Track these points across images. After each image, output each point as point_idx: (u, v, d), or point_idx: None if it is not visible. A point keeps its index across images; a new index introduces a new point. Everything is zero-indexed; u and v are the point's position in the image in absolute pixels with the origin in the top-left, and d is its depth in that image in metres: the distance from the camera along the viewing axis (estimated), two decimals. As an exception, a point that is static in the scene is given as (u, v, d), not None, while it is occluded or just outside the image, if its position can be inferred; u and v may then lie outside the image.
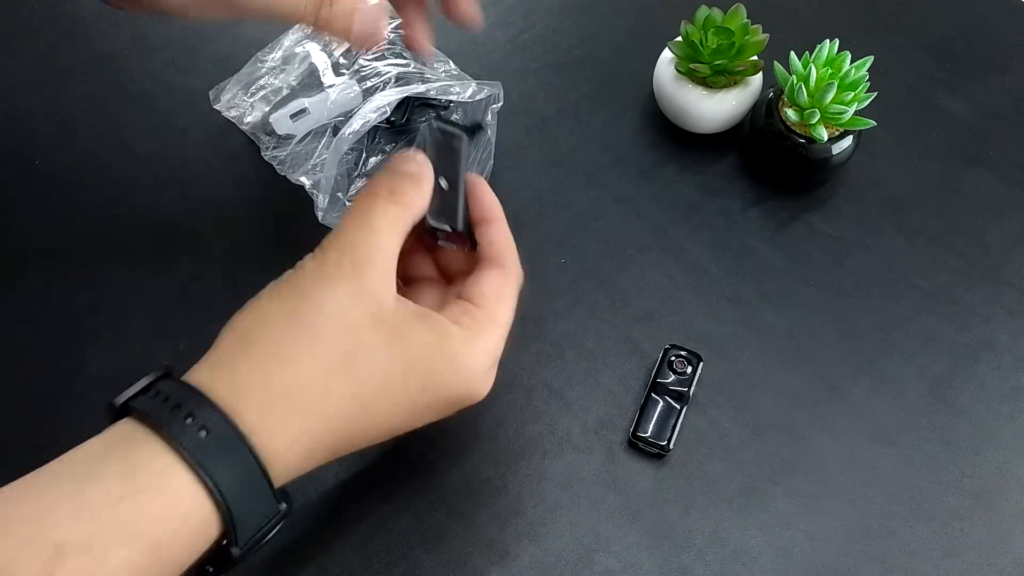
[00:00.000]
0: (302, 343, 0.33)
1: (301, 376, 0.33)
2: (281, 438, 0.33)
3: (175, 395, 0.32)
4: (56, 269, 0.53)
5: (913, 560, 0.45)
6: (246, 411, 0.32)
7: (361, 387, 0.34)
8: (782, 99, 0.54)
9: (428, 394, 0.36)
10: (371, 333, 0.34)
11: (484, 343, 0.37)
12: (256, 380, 0.33)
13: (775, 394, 0.50)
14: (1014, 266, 0.54)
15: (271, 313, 0.35)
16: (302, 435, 0.33)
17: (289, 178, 0.55)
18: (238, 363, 0.33)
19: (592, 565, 0.45)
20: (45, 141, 0.58)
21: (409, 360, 0.35)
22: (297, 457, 0.33)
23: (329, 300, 0.34)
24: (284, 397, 0.33)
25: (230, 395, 0.32)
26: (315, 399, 0.33)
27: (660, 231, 0.55)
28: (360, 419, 0.34)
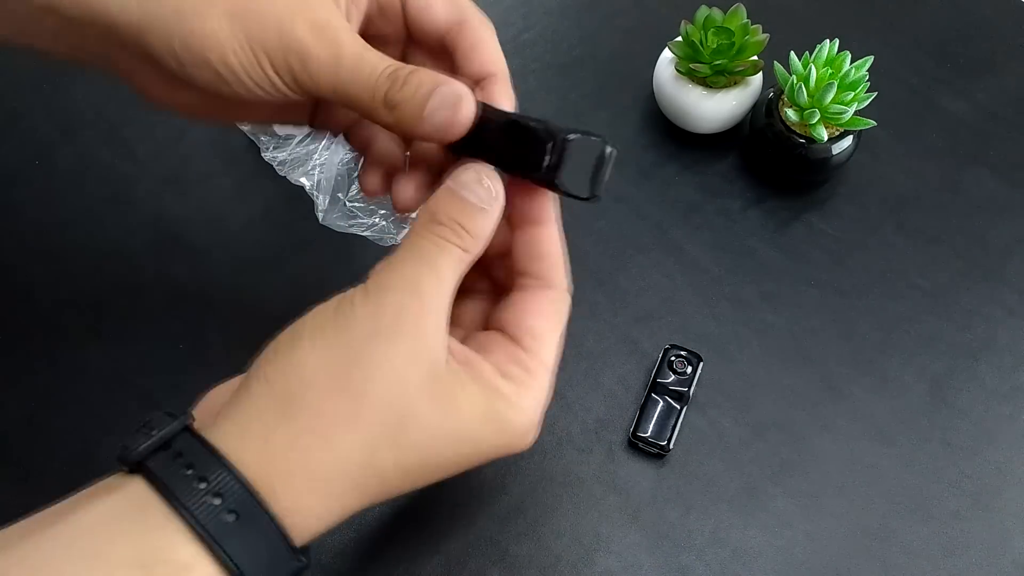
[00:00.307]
0: (350, 415, 0.30)
1: (343, 454, 0.30)
2: (316, 518, 0.30)
3: (200, 464, 0.28)
4: (56, 269, 0.53)
5: (913, 560, 0.45)
6: (282, 493, 0.29)
7: (406, 456, 0.31)
8: (782, 99, 0.54)
9: (479, 457, 0.33)
10: (423, 398, 0.30)
11: (534, 397, 0.33)
12: (295, 458, 0.29)
13: (775, 394, 0.50)
14: (1014, 266, 0.54)
15: (317, 373, 0.30)
16: (337, 507, 0.30)
17: (289, 179, 0.55)
18: (274, 433, 0.29)
19: (592, 565, 0.45)
20: (45, 141, 0.58)
21: (461, 427, 0.31)
22: (320, 530, 0.31)
23: (384, 362, 0.30)
24: (322, 479, 0.29)
25: (263, 472, 0.29)
26: (354, 477, 0.30)
27: (660, 231, 0.55)
28: (399, 485, 0.31)
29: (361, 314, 0.31)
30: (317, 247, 0.54)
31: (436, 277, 0.31)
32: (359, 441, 0.30)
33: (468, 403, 0.31)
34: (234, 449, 0.29)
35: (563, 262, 0.35)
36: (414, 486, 0.32)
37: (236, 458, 0.29)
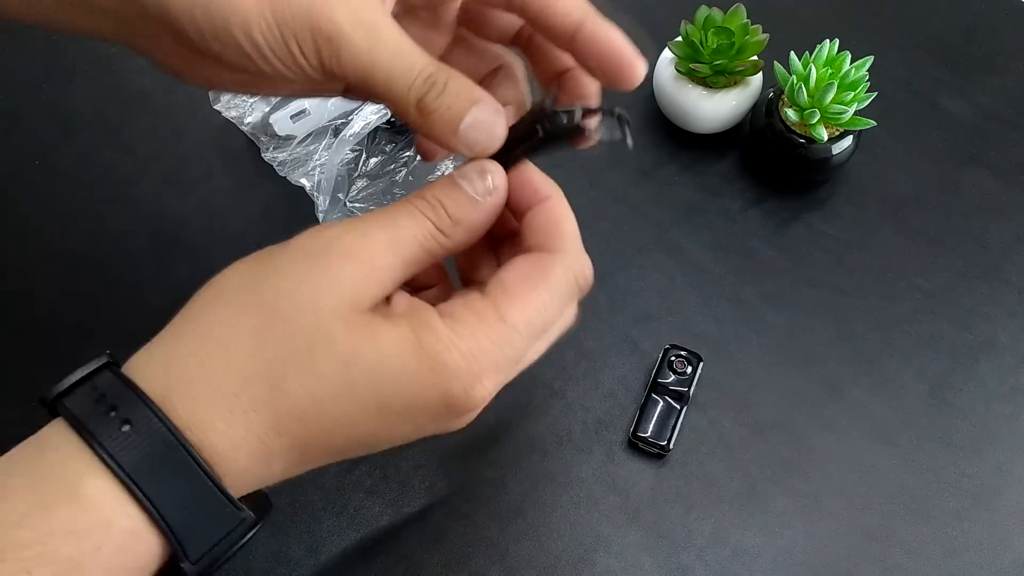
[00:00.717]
0: (255, 327, 0.28)
1: (247, 367, 0.28)
2: (223, 437, 0.27)
3: (103, 387, 0.27)
4: (56, 269, 0.53)
5: (913, 560, 0.45)
6: (180, 401, 0.27)
7: (319, 386, 0.28)
8: (782, 99, 0.54)
9: (404, 398, 0.29)
10: (339, 324, 0.28)
11: (476, 341, 0.29)
12: (194, 368, 0.28)
13: (775, 394, 0.50)
14: (1014, 266, 0.54)
15: (230, 287, 0.29)
16: (250, 435, 0.28)
17: (289, 179, 0.55)
18: (178, 346, 0.28)
19: (592, 565, 0.45)
20: (45, 141, 0.58)
21: (380, 358, 0.28)
22: (250, 459, 0.28)
23: (301, 282, 0.28)
24: (223, 390, 0.27)
25: (163, 385, 0.27)
26: (261, 395, 0.28)
27: (660, 231, 0.55)
28: (319, 423, 0.28)
29: (295, 243, 0.30)
30: (317, 247, 0.54)
31: (389, 227, 0.30)
32: (263, 356, 0.28)
33: (392, 334, 0.29)
34: (139, 369, 0.28)
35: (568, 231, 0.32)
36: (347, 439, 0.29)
37: (140, 375, 0.28)
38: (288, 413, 0.28)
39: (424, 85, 0.30)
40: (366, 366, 0.28)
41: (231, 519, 0.28)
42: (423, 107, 0.30)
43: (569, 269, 0.31)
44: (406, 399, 0.29)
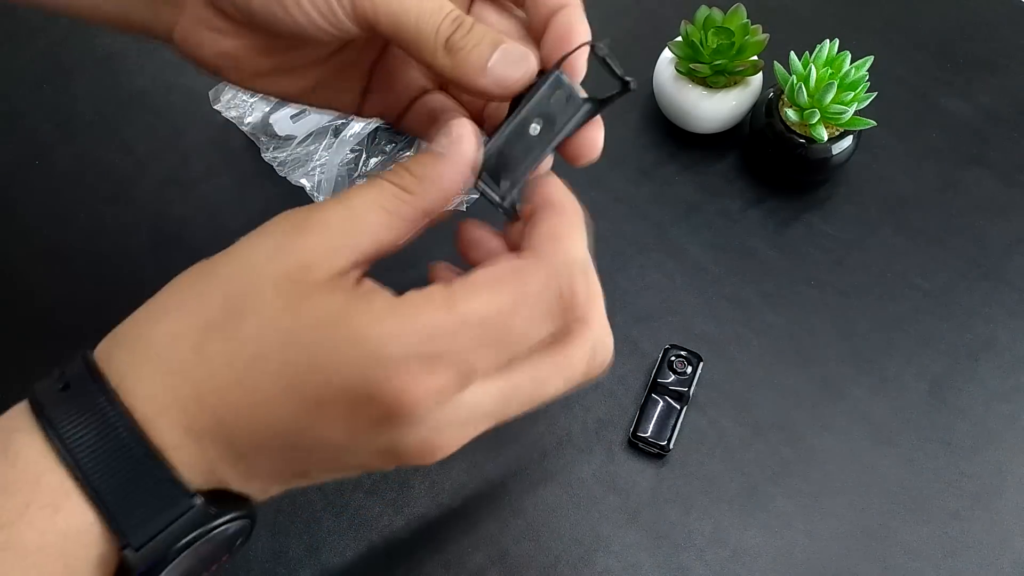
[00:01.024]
0: (195, 292, 0.27)
1: (176, 328, 0.27)
2: (149, 402, 0.26)
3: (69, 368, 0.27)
4: (56, 269, 0.53)
5: (913, 560, 0.45)
6: (112, 364, 0.27)
7: (236, 353, 0.26)
8: (782, 99, 0.54)
9: (317, 377, 0.25)
10: (271, 290, 0.26)
11: (410, 321, 0.25)
12: (132, 332, 0.28)
13: (775, 394, 0.50)
14: (1014, 266, 0.54)
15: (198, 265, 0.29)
16: (174, 404, 0.26)
17: (289, 179, 0.55)
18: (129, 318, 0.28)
19: (592, 565, 0.45)
20: (45, 141, 0.58)
21: (299, 326, 0.26)
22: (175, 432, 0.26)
23: (244, 249, 0.28)
24: (152, 352, 0.26)
25: (105, 351, 0.27)
26: (183, 359, 0.26)
27: (660, 231, 0.55)
28: (237, 396, 0.26)
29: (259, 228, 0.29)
30: (317, 247, 0.54)
31: (343, 200, 0.28)
32: (193, 318, 0.27)
33: (320, 303, 0.26)
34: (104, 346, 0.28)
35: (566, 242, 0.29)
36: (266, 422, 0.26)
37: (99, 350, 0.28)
38: (206, 381, 0.26)
39: (452, 24, 0.29)
40: (283, 334, 0.26)
41: (175, 499, 0.26)
42: (451, 45, 0.29)
43: (551, 278, 0.27)
44: (320, 379, 0.25)
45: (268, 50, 0.34)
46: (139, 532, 0.25)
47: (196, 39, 0.34)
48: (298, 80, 0.36)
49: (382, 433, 0.26)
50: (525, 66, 0.30)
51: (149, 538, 0.25)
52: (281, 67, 0.35)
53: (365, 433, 0.26)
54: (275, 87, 0.36)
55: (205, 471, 0.27)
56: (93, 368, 0.26)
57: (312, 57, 0.36)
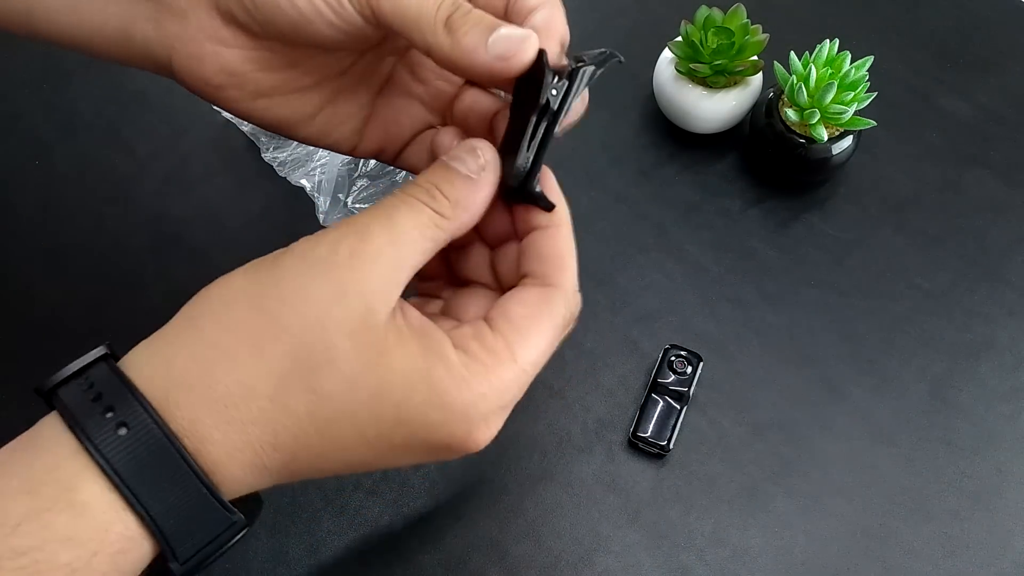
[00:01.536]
0: (258, 338, 0.27)
1: (249, 378, 0.27)
2: (219, 447, 0.27)
3: (100, 383, 0.27)
4: (56, 269, 0.53)
5: (913, 560, 0.45)
6: (178, 409, 0.27)
7: (320, 406, 0.28)
8: (782, 99, 0.54)
9: (404, 431, 0.28)
10: (346, 343, 0.27)
11: (488, 382, 0.29)
12: (194, 374, 0.27)
13: (775, 394, 0.50)
14: (1014, 266, 0.54)
15: (234, 293, 0.29)
16: (247, 448, 0.28)
17: (290, 179, 0.55)
18: (179, 349, 0.28)
19: (592, 565, 0.45)
20: (45, 141, 0.58)
21: (385, 384, 0.28)
22: (244, 470, 0.28)
23: (304, 292, 0.28)
24: (224, 400, 0.27)
25: (162, 388, 0.27)
26: (262, 409, 0.27)
27: (660, 231, 0.55)
28: (317, 443, 0.28)
29: (299, 248, 0.29)
30: (317, 247, 0.54)
31: (388, 224, 0.29)
32: (267, 369, 0.27)
33: (401, 359, 0.28)
34: (138, 368, 0.28)
35: (570, 265, 0.32)
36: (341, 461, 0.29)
37: (139, 375, 0.27)
38: (286, 430, 0.28)
39: (452, 6, 0.30)
40: (370, 392, 0.28)
41: (222, 522, 0.28)
42: (452, 24, 0.29)
43: (568, 307, 0.32)
44: (407, 432, 0.28)
45: (271, 65, 0.34)
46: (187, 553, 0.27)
47: (198, 53, 0.33)
48: (299, 103, 0.36)
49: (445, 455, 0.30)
50: (528, 43, 0.30)
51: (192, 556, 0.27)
52: (283, 86, 0.35)
53: (429, 458, 0.30)
54: (275, 111, 0.36)
55: (251, 487, 0.29)
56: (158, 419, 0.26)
57: (315, 76, 0.36)
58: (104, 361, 0.28)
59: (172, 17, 0.33)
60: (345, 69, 0.37)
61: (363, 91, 0.37)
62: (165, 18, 0.34)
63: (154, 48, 0.34)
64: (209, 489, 0.27)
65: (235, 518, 0.28)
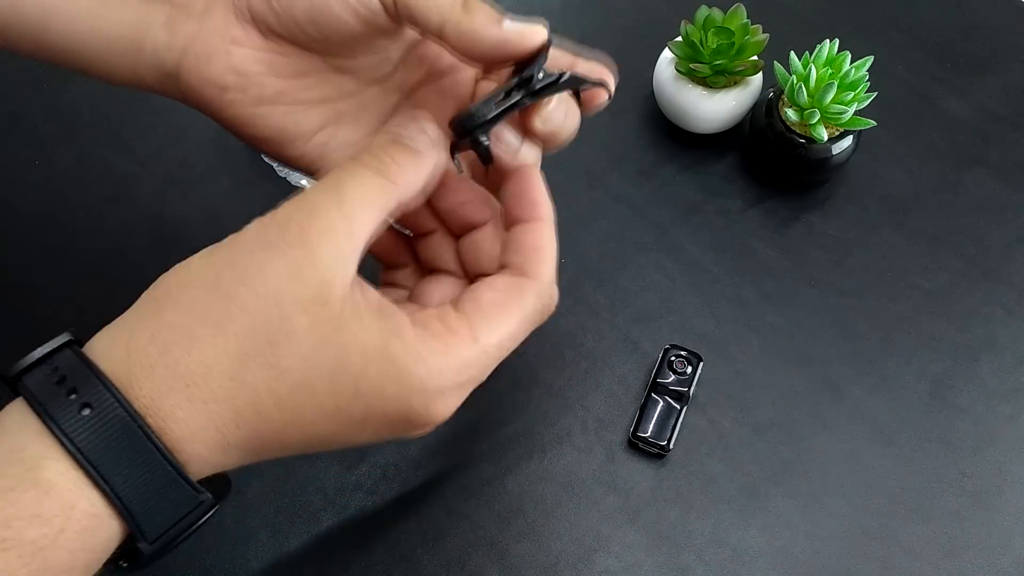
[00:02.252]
0: (216, 318, 0.28)
1: (208, 357, 0.28)
2: (182, 425, 0.28)
3: (64, 367, 0.27)
4: (56, 269, 0.53)
5: (913, 560, 0.45)
6: (140, 389, 0.27)
7: (279, 380, 0.28)
8: (782, 99, 0.54)
9: (361, 403, 0.29)
10: (303, 318, 0.28)
11: (446, 358, 0.29)
12: (154, 354, 0.28)
13: (775, 394, 0.50)
14: (1014, 266, 0.54)
15: (192, 277, 0.30)
16: (209, 424, 0.28)
17: (289, 180, 0.55)
18: (139, 331, 0.29)
19: (592, 565, 0.45)
20: (45, 141, 0.58)
21: (342, 358, 0.28)
22: (208, 448, 0.28)
23: (260, 271, 0.28)
24: (185, 379, 0.28)
25: (124, 369, 0.28)
26: (223, 387, 0.28)
27: (660, 231, 0.55)
28: (277, 418, 0.29)
29: (251, 230, 0.30)
30: (317, 247, 0.54)
31: (336, 197, 0.29)
32: (225, 347, 0.28)
33: (357, 333, 0.28)
34: (101, 351, 0.28)
35: (549, 258, 0.33)
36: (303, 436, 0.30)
37: (102, 357, 0.28)
38: (247, 406, 0.28)
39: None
40: (328, 366, 0.28)
41: (190, 501, 0.28)
42: (468, 5, 0.31)
43: (541, 298, 0.32)
44: (364, 405, 0.29)
45: (280, 70, 0.35)
46: (155, 532, 0.28)
47: (208, 53, 0.34)
48: (300, 117, 0.36)
49: (405, 431, 0.30)
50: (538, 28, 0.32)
51: (160, 535, 0.28)
52: (288, 95, 0.35)
53: (390, 433, 0.30)
54: (275, 120, 0.36)
55: (217, 466, 0.29)
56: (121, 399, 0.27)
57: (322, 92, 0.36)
58: (68, 347, 0.28)
59: (188, 18, 0.34)
60: (352, 93, 0.37)
61: (365, 121, 0.38)
62: (180, 19, 0.34)
63: (163, 56, 0.35)
64: (174, 467, 0.27)
65: (202, 497, 0.28)
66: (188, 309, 0.29)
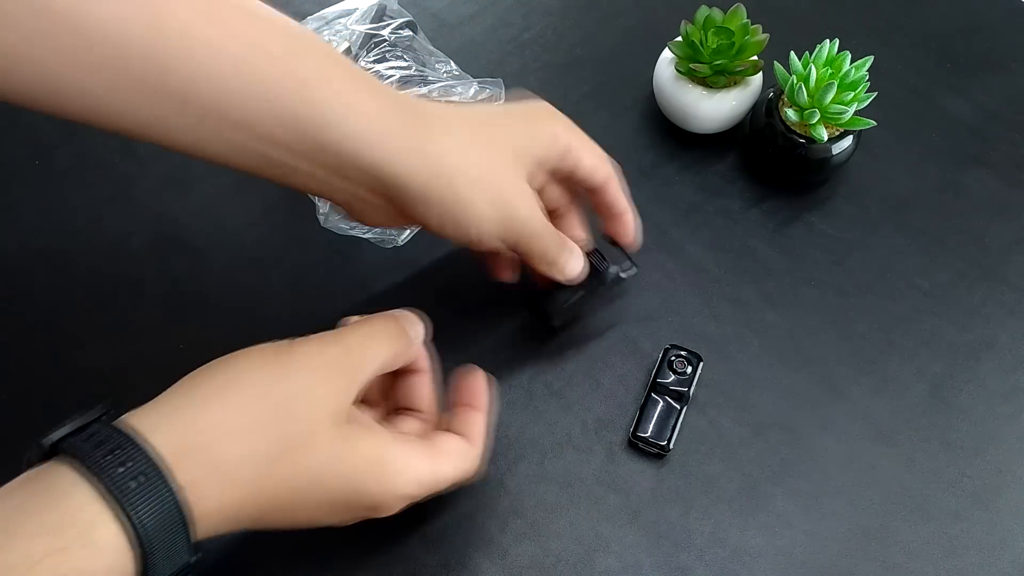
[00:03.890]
0: (261, 423, 0.33)
1: (246, 454, 0.33)
2: (211, 503, 0.32)
3: (110, 440, 0.31)
4: (56, 269, 0.53)
5: (913, 560, 0.45)
6: (183, 472, 0.31)
7: (297, 479, 0.34)
8: (782, 99, 0.54)
9: (352, 498, 0.36)
10: (328, 431, 0.35)
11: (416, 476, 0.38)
12: (201, 443, 0.32)
13: (775, 394, 0.50)
14: (1014, 266, 0.54)
15: (243, 378, 0.34)
16: (231, 506, 0.33)
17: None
18: (193, 419, 0.33)
19: (592, 565, 0.45)
20: (45, 141, 0.58)
21: (350, 467, 0.36)
22: (218, 521, 0.33)
23: (310, 392, 0.35)
24: (222, 469, 0.32)
25: (171, 449, 0.31)
26: (252, 479, 0.33)
27: (660, 231, 0.55)
28: (287, 506, 0.35)
29: (299, 349, 0.36)
30: (317, 247, 0.54)
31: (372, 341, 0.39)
32: (265, 447, 0.33)
33: (365, 447, 0.36)
34: (149, 428, 0.32)
35: (483, 437, 0.42)
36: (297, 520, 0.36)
37: (150, 433, 0.31)
38: (266, 497, 0.34)
39: (557, 249, 0.44)
40: (337, 473, 0.35)
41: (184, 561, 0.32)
42: (552, 262, 0.45)
43: (476, 461, 0.41)
44: (353, 499, 0.36)
45: (393, 220, 0.42)
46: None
47: (364, 218, 0.42)
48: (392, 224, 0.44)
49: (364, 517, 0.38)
50: (580, 269, 0.46)
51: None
52: (390, 224, 0.43)
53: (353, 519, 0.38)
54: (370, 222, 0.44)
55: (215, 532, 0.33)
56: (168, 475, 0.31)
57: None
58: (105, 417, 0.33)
59: (344, 183, 0.39)
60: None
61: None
62: (335, 183, 0.39)
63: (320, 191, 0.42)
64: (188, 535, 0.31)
65: (193, 559, 0.32)
66: (236, 411, 0.33)
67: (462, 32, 0.64)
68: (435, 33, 0.63)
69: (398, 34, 0.56)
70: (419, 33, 0.58)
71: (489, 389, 0.43)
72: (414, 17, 0.57)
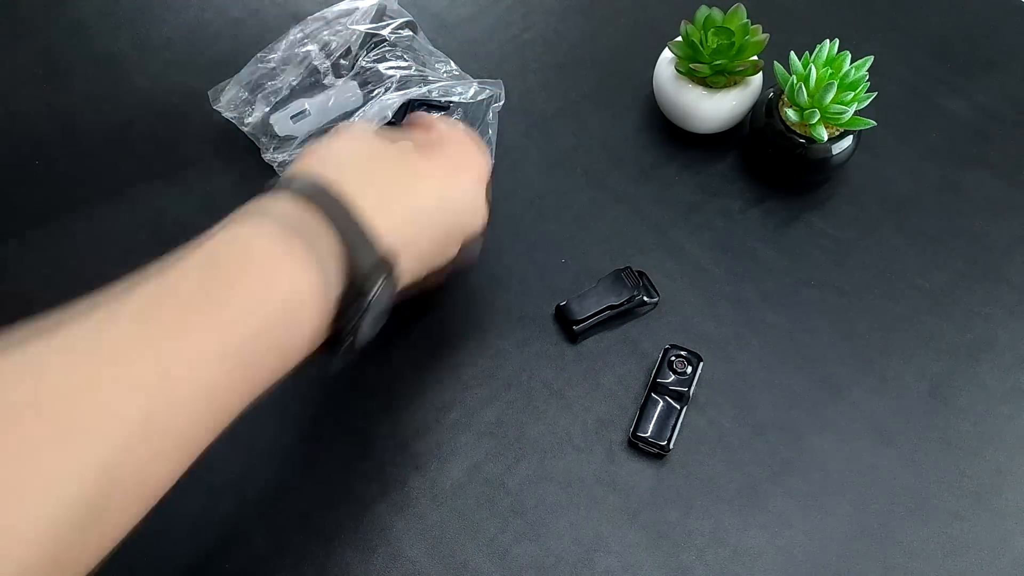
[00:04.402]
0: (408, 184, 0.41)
1: (418, 207, 0.40)
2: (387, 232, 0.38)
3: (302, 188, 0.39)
4: (56, 269, 0.53)
5: (913, 560, 0.45)
6: (362, 211, 0.38)
7: (415, 208, 0.40)
8: (782, 99, 0.54)
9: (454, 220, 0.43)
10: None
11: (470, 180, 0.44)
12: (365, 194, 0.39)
13: (775, 394, 0.50)
14: (1014, 266, 0.54)
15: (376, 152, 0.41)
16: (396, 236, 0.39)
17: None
18: (361, 183, 0.39)
19: (592, 565, 0.45)
20: (45, 141, 0.58)
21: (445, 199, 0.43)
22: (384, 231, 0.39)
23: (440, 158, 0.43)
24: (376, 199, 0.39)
25: (347, 194, 0.38)
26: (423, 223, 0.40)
27: (660, 231, 0.55)
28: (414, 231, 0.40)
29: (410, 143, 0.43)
30: (317, 247, 0.54)
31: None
32: (427, 201, 0.41)
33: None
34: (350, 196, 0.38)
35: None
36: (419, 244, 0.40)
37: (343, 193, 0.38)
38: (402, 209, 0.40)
39: None
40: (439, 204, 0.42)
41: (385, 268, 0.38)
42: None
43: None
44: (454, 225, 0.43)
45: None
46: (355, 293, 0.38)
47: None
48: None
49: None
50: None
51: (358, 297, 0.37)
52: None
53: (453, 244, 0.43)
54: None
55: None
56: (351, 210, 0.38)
57: None
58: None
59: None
60: None
61: None
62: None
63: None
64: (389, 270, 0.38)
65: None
66: (389, 176, 0.40)
67: (462, 32, 0.64)
68: (435, 33, 0.63)
69: (398, 34, 0.56)
70: (419, 33, 0.58)
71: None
72: (414, 17, 0.57)
